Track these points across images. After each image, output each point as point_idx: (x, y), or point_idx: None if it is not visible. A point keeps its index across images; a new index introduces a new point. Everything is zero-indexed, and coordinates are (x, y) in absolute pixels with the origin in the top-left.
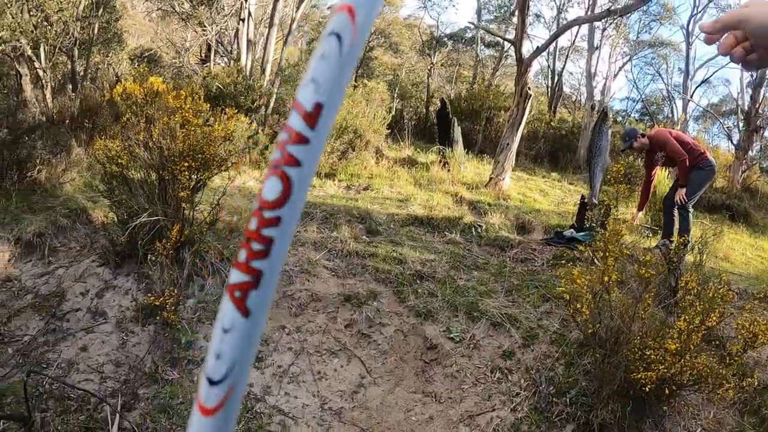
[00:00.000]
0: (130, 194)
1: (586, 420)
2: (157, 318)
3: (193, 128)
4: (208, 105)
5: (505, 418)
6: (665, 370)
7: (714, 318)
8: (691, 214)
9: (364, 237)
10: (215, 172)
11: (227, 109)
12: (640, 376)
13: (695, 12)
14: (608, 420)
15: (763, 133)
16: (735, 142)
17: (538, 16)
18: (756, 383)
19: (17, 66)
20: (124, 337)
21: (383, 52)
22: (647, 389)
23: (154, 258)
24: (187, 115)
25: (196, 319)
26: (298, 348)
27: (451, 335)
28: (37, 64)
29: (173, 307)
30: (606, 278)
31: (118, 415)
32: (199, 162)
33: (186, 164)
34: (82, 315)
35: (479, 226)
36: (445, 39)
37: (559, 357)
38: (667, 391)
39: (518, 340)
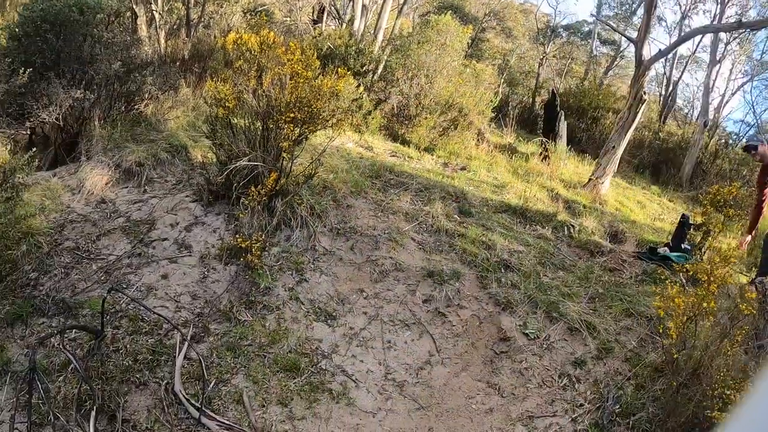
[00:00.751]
0: (233, 138)
1: None
2: (241, 260)
3: (302, 80)
4: (319, 62)
5: (564, 427)
6: None
7: None
8: None
9: (456, 216)
10: (319, 127)
11: (339, 69)
12: (714, 414)
13: None
14: None
15: None
16: None
17: (660, 19)
18: None
19: (134, 6)
20: (206, 273)
21: (495, 35)
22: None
23: (246, 202)
24: (296, 67)
25: (277, 267)
26: (373, 314)
27: (527, 331)
28: (153, 6)
29: (258, 252)
30: (705, 304)
31: (187, 344)
32: (304, 114)
33: (291, 115)
34: (169, 245)
35: (572, 226)
36: (561, 30)
37: (631, 377)
38: None
39: (593, 350)
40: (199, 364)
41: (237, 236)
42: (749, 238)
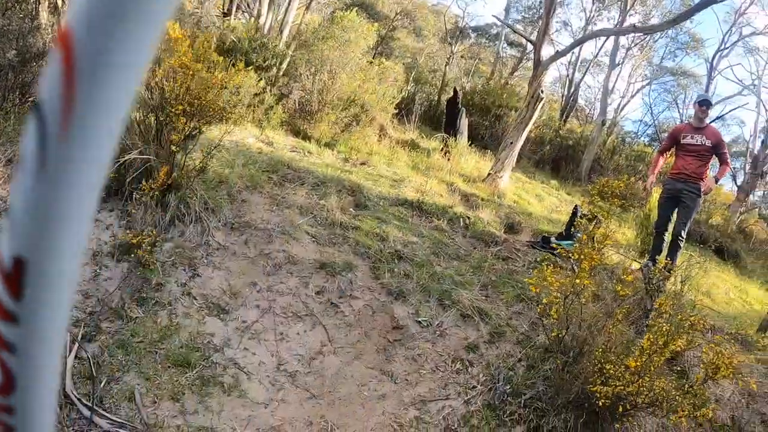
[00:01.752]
0: (126, 131)
1: (537, 425)
2: (132, 256)
3: (191, 72)
4: (221, 58)
5: (457, 409)
6: (622, 388)
7: (680, 342)
8: (683, 243)
9: (351, 210)
10: (212, 120)
11: (238, 63)
12: (596, 389)
13: (722, 47)
14: (559, 428)
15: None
16: (738, 183)
17: (566, 24)
18: (711, 415)
19: None
20: (97, 270)
21: (407, 35)
22: (602, 403)
23: (139, 197)
24: (184, 59)
25: (170, 263)
26: (266, 306)
27: (419, 319)
28: None
29: (149, 247)
30: (578, 281)
31: (77, 344)
32: (194, 107)
33: (181, 107)
34: None
35: (468, 218)
36: (469, 31)
37: (522, 358)
38: (621, 409)
39: (485, 335)
40: (89, 363)
41: (128, 232)
42: (653, 177)
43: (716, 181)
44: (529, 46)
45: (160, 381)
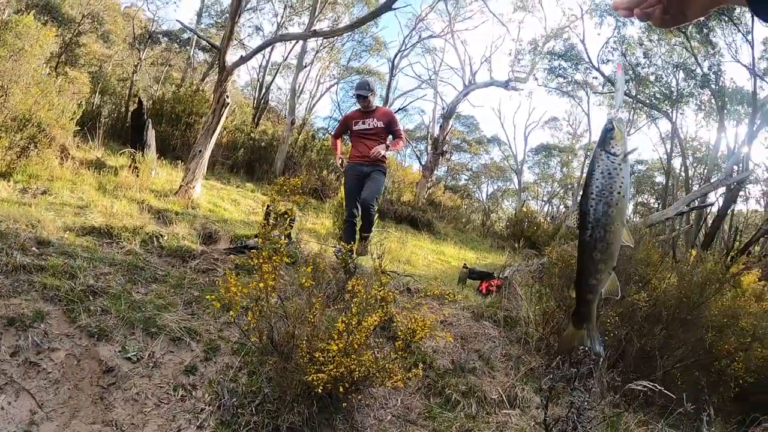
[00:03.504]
0: None
1: (275, 426)
2: None
3: None
4: None
5: None
6: (335, 370)
7: (374, 318)
8: (374, 211)
9: (34, 248)
10: None
11: None
12: (311, 378)
13: (403, 49)
14: (297, 423)
15: (447, 156)
16: (423, 163)
17: (258, 28)
18: (421, 374)
19: None
20: None
21: (95, 40)
22: (320, 390)
23: None
24: None
25: None
26: None
27: (128, 355)
28: None
29: None
30: (263, 285)
31: None
32: None
33: None
34: None
35: (161, 235)
36: (160, 36)
37: (241, 367)
38: (341, 389)
39: (200, 353)
40: None
41: None
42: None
43: (386, 149)
44: None
45: None
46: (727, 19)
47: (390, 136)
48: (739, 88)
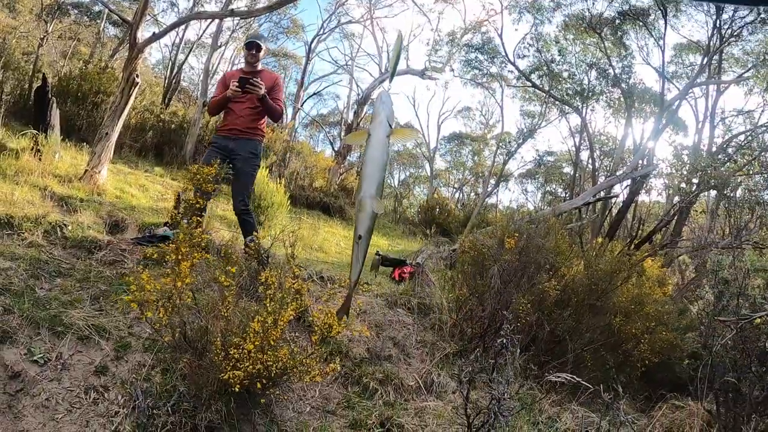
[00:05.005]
0: None
1: (192, 426)
2: None
3: None
4: None
5: None
6: (251, 367)
7: (289, 312)
8: (252, 220)
9: None
10: None
11: None
12: (227, 376)
13: (321, 32)
14: (215, 421)
15: None
16: (336, 148)
17: (173, 4)
18: (339, 368)
19: None
20: None
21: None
22: (237, 388)
23: None
24: None
25: None
26: None
27: (35, 357)
28: None
29: None
30: (180, 284)
31: None
32: None
33: None
34: None
35: (65, 225)
36: (69, 7)
37: (154, 364)
38: (259, 386)
39: (110, 352)
40: None
41: None
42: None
43: (264, 100)
44: None
45: None
46: (641, 24)
47: None
48: (648, 88)
